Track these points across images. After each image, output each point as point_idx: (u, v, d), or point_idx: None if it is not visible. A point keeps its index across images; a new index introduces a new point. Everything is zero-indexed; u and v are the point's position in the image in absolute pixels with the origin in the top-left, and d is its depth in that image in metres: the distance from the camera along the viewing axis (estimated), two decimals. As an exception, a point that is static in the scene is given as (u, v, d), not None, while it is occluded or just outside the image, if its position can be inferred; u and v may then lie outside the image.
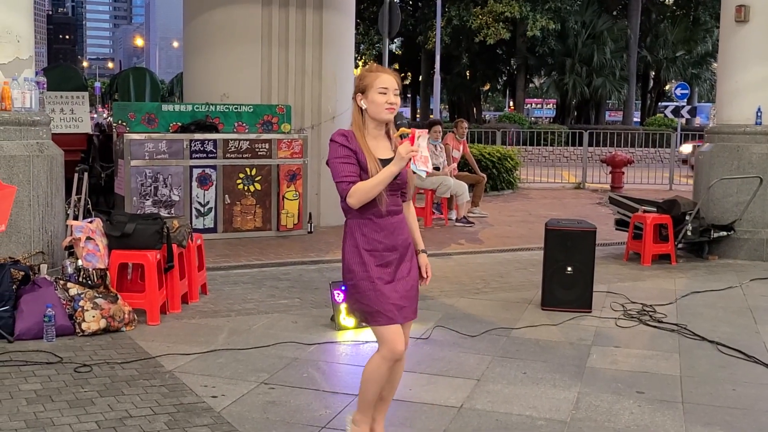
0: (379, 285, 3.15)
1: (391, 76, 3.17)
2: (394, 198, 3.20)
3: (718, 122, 8.65)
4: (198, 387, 4.19)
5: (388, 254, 3.19)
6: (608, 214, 10.64)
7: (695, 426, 3.85)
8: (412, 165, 3.02)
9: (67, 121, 10.14)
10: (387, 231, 3.18)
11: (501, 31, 31.35)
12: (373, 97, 3.13)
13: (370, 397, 3.29)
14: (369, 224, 3.17)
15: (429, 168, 3.03)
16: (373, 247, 3.17)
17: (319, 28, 9.75)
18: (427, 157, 3.01)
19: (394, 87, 3.14)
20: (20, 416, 3.75)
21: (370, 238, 3.17)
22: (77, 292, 5.11)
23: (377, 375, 3.23)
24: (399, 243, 3.22)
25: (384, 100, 3.12)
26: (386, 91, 3.13)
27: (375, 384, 3.25)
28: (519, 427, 3.79)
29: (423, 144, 3.00)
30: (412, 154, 2.98)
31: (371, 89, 3.14)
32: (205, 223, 8.63)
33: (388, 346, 3.18)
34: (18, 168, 5.64)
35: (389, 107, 3.13)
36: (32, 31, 6.02)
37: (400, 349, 3.18)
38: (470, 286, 6.82)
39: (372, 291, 3.16)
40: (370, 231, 3.17)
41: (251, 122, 9.09)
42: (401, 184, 3.21)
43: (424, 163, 3.00)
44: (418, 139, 2.98)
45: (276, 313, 5.77)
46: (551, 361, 4.79)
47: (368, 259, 3.16)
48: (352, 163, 3.11)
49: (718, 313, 6.05)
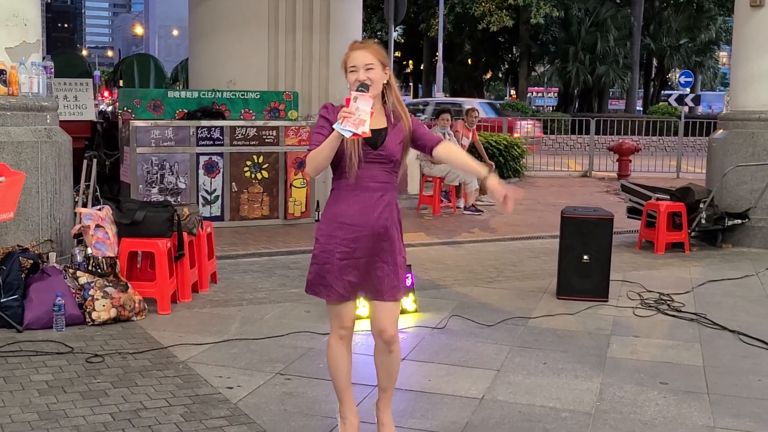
0: (336, 259, 3.10)
1: (360, 51, 3.07)
2: (372, 170, 3.07)
3: (732, 109, 8.53)
4: (213, 378, 4.10)
5: (359, 229, 3.08)
6: (618, 202, 10.55)
7: (723, 418, 3.76)
8: (336, 124, 2.88)
9: (71, 108, 9.99)
10: (360, 205, 3.07)
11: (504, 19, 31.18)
12: (348, 77, 3.08)
13: (337, 381, 3.27)
14: (343, 196, 3.10)
15: (359, 130, 2.85)
16: (341, 221, 3.09)
17: (326, 13, 9.61)
18: (363, 120, 2.85)
19: (365, 62, 3.04)
20: (33, 408, 3.66)
21: (340, 211, 3.10)
22: (87, 281, 5.01)
23: (335, 355, 3.23)
24: (371, 220, 3.08)
25: (354, 78, 3.04)
26: (356, 69, 3.05)
27: (336, 366, 3.24)
28: (543, 418, 3.70)
29: (362, 107, 2.86)
30: (343, 115, 2.86)
31: (346, 70, 3.09)
32: (212, 211, 8.53)
33: (333, 323, 3.22)
34: (26, 154, 5.53)
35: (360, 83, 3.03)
36: (39, 14, 5.90)
37: (346, 324, 3.20)
38: (483, 275, 6.73)
39: (331, 264, 3.11)
40: (342, 204, 3.10)
41: (258, 109, 8.98)
42: (385, 156, 3.08)
43: (355, 125, 2.85)
44: (355, 101, 2.87)
45: (288, 302, 5.68)
46: (571, 351, 4.70)
47: (337, 231, 3.10)
48: (322, 133, 3.05)
49: (736, 302, 5.96)
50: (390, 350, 3.22)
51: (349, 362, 3.28)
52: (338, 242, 3.10)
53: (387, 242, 3.13)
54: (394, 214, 3.16)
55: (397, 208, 3.19)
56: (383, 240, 3.12)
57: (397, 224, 3.18)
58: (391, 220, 3.13)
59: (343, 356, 3.24)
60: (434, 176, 10.20)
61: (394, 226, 3.16)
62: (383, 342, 3.21)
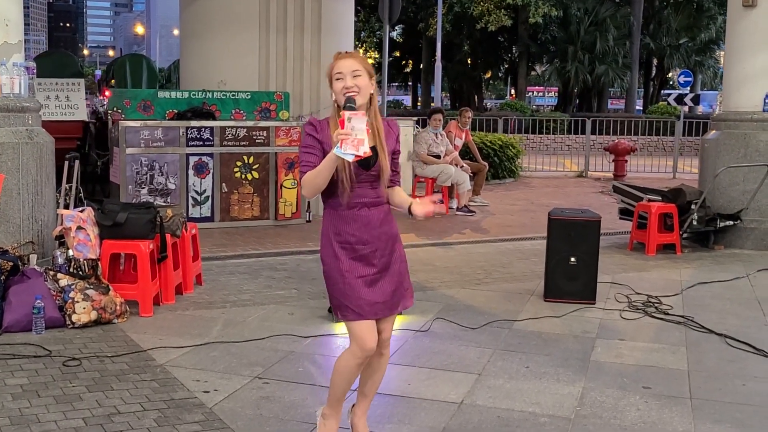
0: (350, 278, 3.04)
1: (347, 59, 3.03)
2: (365, 189, 3.04)
3: (724, 109, 8.48)
4: (190, 381, 4.06)
5: (361, 247, 3.05)
6: (611, 203, 10.50)
7: (704, 423, 3.71)
8: (336, 149, 2.83)
9: (62, 108, 9.98)
10: (358, 223, 3.05)
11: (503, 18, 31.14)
12: (334, 86, 3.03)
13: (338, 391, 3.19)
14: (337, 215, 3.06)
15: (360, 152, 2.81)
16: (344, 240, 3.05)
17: (318, 14, 9.57)
18: (361, 140, 2.80)
19: (351, 69, 2.99)
20: (5, 412, 3.61)
21: (341, 230, 3.06)
22: (68, 283, 4.97)
23: (347, 370, 3.13)
24: (373, 237, 3.07)
25: (341, 86, 2.99)
26: (342, 76, 2.99)
27: (344, 379, 3.16)
28: (521, 423, 3.66)
29: (358, 126, 2.81)
30: (340, 137, 2.81)
31: (332, 78, 3.03)
32: (201, 212, 8.49)
33: (357, 342, 3.07)
34: (6, 155, 5.48)
35: (347, 91, 2.99)
36: (21, 15, 5.85)
37: (369, 347, 3.07)
38: (471, 277, 6.68)
39: (342, 284, 3.04)
40: (340, 222, 3.06)
41: (249, 109, 8.93)
42: (377, 175, 3.04)
43: (355, 146, 2.80)
44: (349, 121, 2.81)
45: (272, 304, 5.63)
46: (554, 355, 4.65)
47: (339, 251, 3.05)
48: (313, 153, 3.00)
49: (725, 305, 5.90)
50: (382, 353, 3.20)
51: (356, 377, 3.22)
52: (342, 261, 3.05)
53: (390, 254, 3.13)
54: (393, 225, 3.16)
55: (393, 217, 3.19)
56: (392, 254, 3.13)
57: (397, 235, 3.18)
58: (390, 232, 3.13)
59: (355, 372, 3.17)
60: (426, 177, 10.15)
61: (396, 237, 3.16)
62: (380, 341, 3.15)
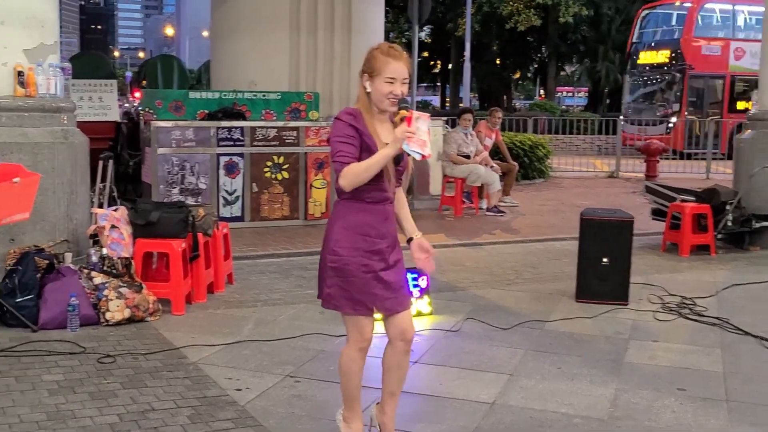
0: (367, 273, 3.03)
1: (402, 63, 2.98)
2: (389, 185, 3.06)
3: (760, 108, 8.34)
4: (222, 379, 4.09)
5: (380, 241, 3.05)
6: (643, 204, 10.37)
7: (741, 425, 3.66)
8: (405, 145, 2.84)
9: (95, 108, 10.13)
10: (381, 216, 3.05)
11: (532, 18, 30.94)
12: (378, 85, 2.97)
13: (350, 390, 3.20)
14: (364, 207, 3.03)
15: (425, 152, 2.85)
16: (365, 232, 3.02)
17: (347, 14, 9.60)
18: (424, 141, 2.84)
19: (403, 77, 2.96)
20: (42, 408, 3.67)
21: (363, 222, 3.02)
22: (101, 281, 5.03)
23: (352, 366, 3.15)
24: (390, 231, 3.09)
25: (388, 91, 2.95)
26: (393, 81, 2.95)
27: (352, 377, 3.17)
28: (555, 424, 3.63)
29: (422, 127, 2.84)
30: (407, 135, 2.82)
31: (378, 76, 2.97)
32: (232, 212, 8.54)
33: (359, 333, 3.10)
34: (42, 155, 5.57)
35: (393, 99, 2.96)
36: (57, 16, 5.94)
37: (369, 336, 3.12)
38: (501, 277, 6.65)
39: (359, 278, 3.02)
40: (365, 215, 3.03)
41: (279, 110, 8.98)
42: (401, 172, 3.08)
43: (420, 147, 2.83)
44: (416, 121, 2.82)
45: (302, 303, 5.65)
46: (587, 356, 4.61)
47: (361, 243, 3.02)
48: (352, 143, 2.95)
49: (761, 307, 5.81)
50: (407, 350, 3.21)
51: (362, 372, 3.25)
52: (362, 254, 3.03)
53: (397, 251, 3.15)
54: (395, 223, 3.19)
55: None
56: (395, 249, 3.14)
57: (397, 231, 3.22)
58: (395, 229, 3.16)
59: (360, 367, 3.20)
60: (456, 177, 10.11)
61: (397, 233, 3.18)
62: (404, 342, 3.17)
